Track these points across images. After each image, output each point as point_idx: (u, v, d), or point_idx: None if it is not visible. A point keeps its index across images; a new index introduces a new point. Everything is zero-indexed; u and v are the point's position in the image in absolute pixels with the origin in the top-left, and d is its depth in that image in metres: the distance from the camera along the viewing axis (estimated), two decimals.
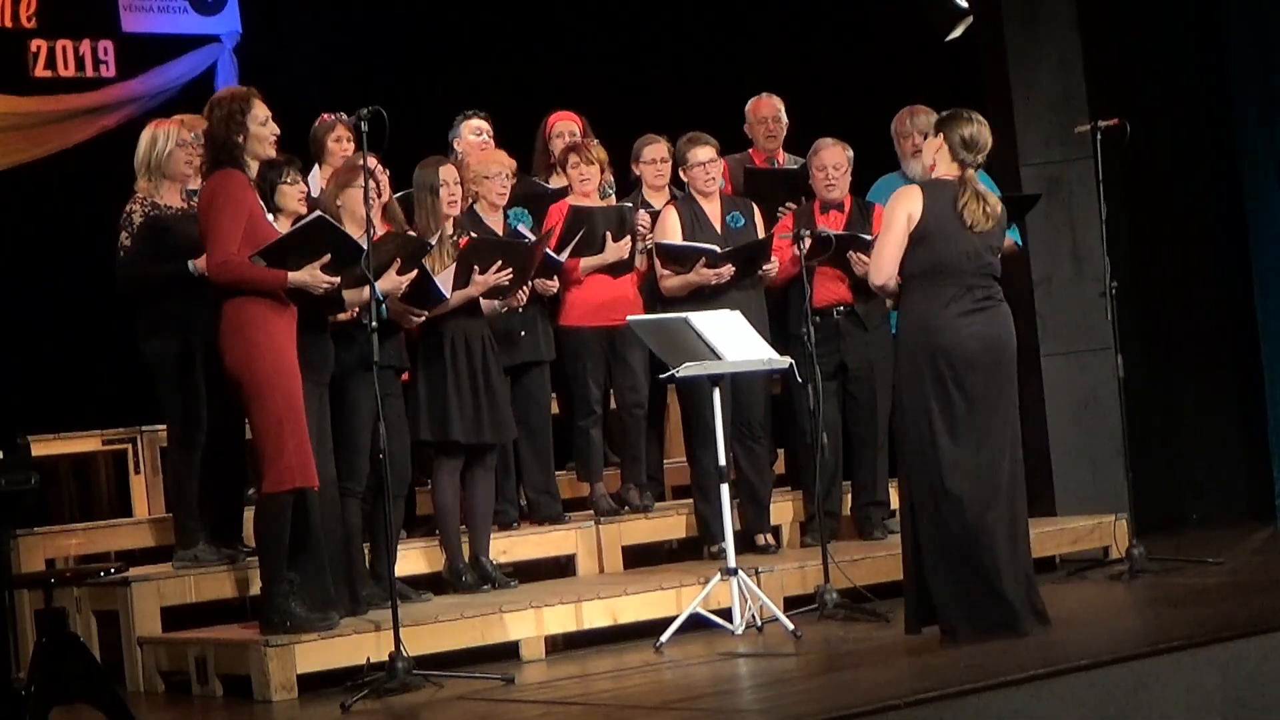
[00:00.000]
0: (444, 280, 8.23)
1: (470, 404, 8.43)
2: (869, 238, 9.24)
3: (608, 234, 9.23)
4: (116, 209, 8.31)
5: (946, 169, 7.51)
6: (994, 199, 7.52)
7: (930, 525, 7.36)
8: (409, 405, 8.37)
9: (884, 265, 7.48)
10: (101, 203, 8.81)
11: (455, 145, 9.58)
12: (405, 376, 8.38)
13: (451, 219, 8.59)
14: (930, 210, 7.39)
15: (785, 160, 10.30)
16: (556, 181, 9.70)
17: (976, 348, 7.35)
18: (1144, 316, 10.79)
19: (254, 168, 7.65)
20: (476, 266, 8.43)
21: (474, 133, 9.56)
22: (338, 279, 7.54)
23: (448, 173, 8.57)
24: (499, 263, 8.48)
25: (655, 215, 9.47)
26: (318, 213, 7.68)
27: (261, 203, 7.66)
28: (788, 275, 9.30)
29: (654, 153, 9.59)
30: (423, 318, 8.26)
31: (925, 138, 9.27)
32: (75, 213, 10.68)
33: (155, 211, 8.20)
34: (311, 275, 7.46)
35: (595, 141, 9.49)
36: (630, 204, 9.49)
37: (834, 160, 9.46)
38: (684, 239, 9.24)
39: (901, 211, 7.43)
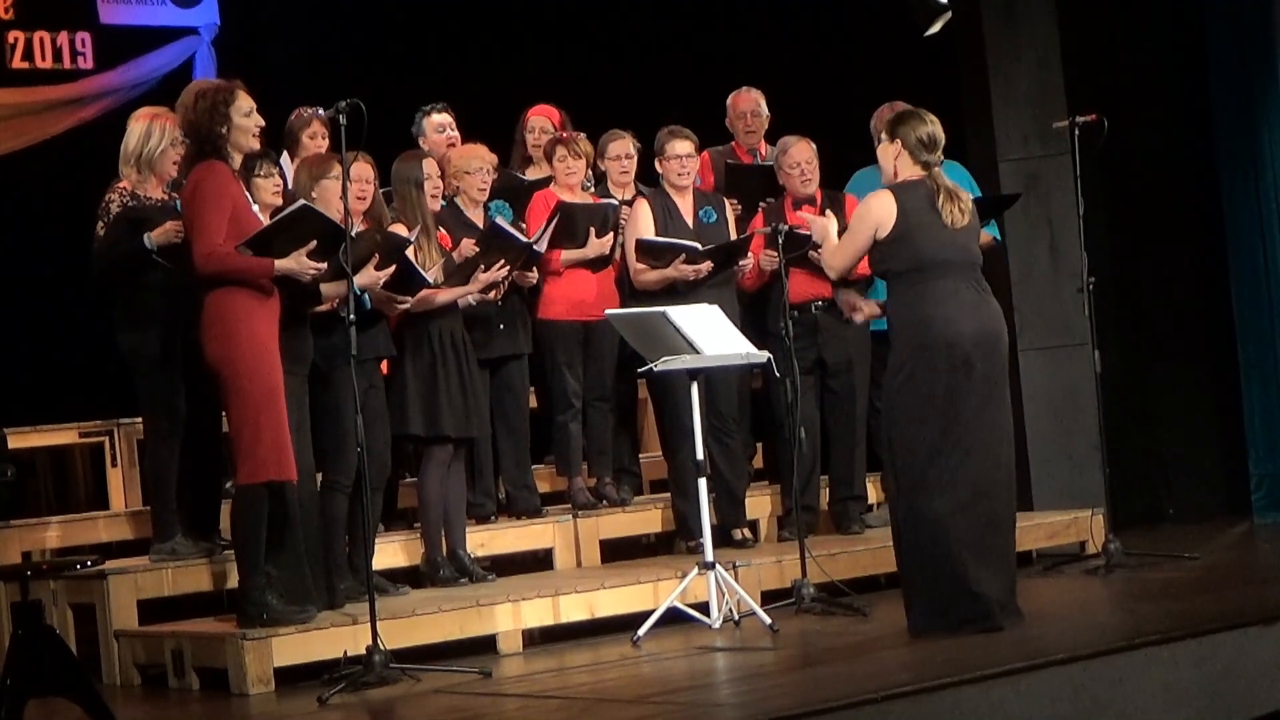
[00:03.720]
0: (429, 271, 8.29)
1: (459, 398, 8.45)
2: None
3: (591, 230, 9.23)
4: (94, 201, 8.28)
5: (909, 171, 7.51)
6: (964, 194, 7.53)
7: (915, 518, 7.36)
8: (395, 399, 8.37)
9: (840, 264, 7.64)
10: (79, 195, 8.78)
11: (420, 142, 9.55)
12: (384, 367, 8.39)
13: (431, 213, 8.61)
14: (905, 210, 7.40)
15: (768, 153, 10.30)
16: (534, 174, 9.70)
17: (971, 342, 7.35)
18: (1121, 312, 10.81)
19: (238, 159, 7.62)
20: (481, 265, 8.48)
21: (437, 129, 9.54)
22: (324, 265, 7.52)
23: (430, 166, 8.62)
24: (500, 260, 8.53)
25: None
26: (301, 201, 7.66)
27: (246, 193, 7.64)
28: (761, 282, 9.33)
29: (619, 149, 9.57)
30: (407, 304, 8.25)
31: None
32: (52, 204, 10.65)
33: (134, 202, 8.16)
34: (298, 261, 7.44)
35: (582, 135, 9.49)
36: (615, 202, 9.49)
37: (805, 156, 9.47)
38: (656, 233, 9.23)
39: (870, 219, 7.46)
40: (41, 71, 11.42)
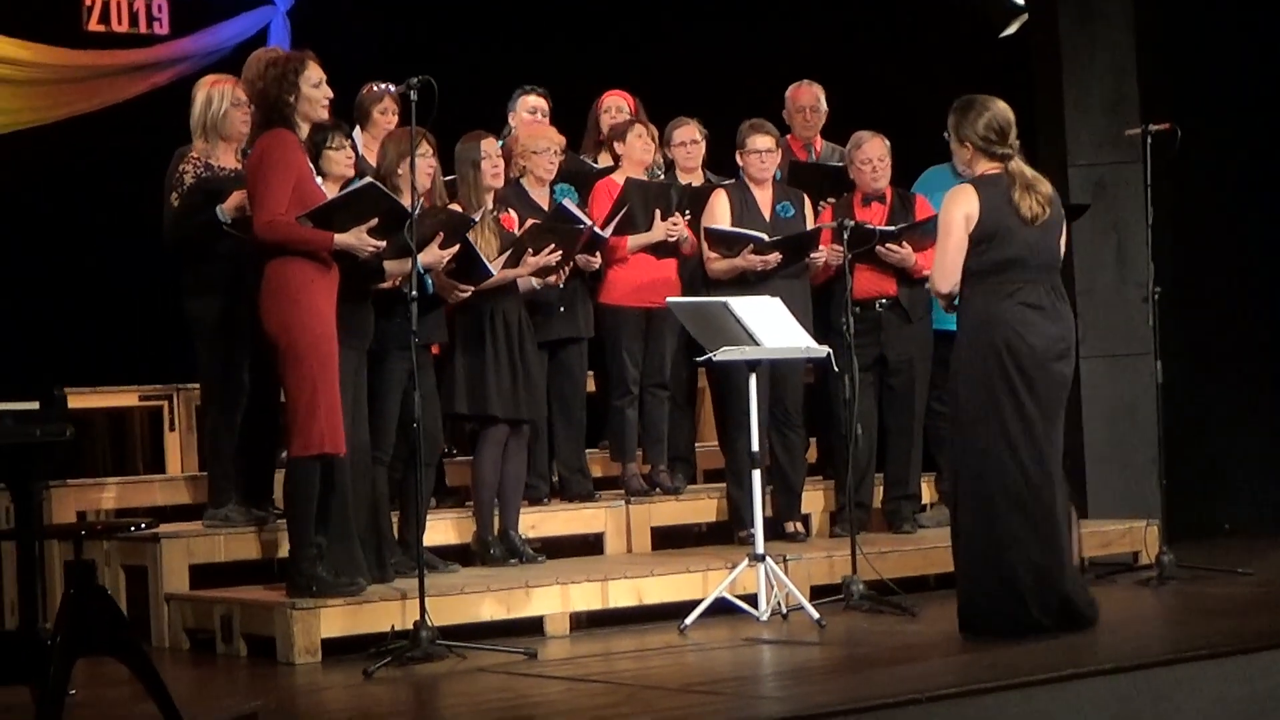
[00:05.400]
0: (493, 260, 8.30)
1: (508, 380, 8.46)
2: (893, 229, 9.25)
3: (657, 211, 9.22)
4: (163, 165, 8.33)
5: (986, 166, 7.43)
6: (1043, 184, 7.41)
7: (976, 520, 7.34)
8: (445, 379, 8.39)
9: (949, 273, 7.38)
10: (148, 159, 8.83)
11: (510, 120, 9.58)
12: (435, 349, 8.41)
13: (493, 192, 8.61)
14: (987, 209, 7.32)
15: (823, 148, 10.29)
16: (604, 161, 9.71)
17: (1043, 345, 7.32)
18: (1185, 323, 10.74)
19: (305, 129, 7.65)
20: (530, 248, 8.48)
21: (529, 110, 9.55)
22: (384, 243, 7.54)
23: (489, 145, 8.60)
24: (551, 244, 8.53)
25: (696, 194, 9.46)
26: (368, 179, 7.69)
27: (311, 164, 7.66)
28: (829, 275, 9.32)
29: (685, 135, 9.57)
30: (468, 293, 8.26)
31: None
32: (122, 167, 10.70)
33: (208, 173, 8.21)
34: (358, 237, 7.47)
35: (652, 126, 9.50)
36: (681, 183, 9.49)
37: (878, 152, 9.45)
38: (731, 225, 9.23)
39: (959, 214, 7.34)
40: (117, 35, 11.48)
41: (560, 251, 8.61)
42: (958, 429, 7.48)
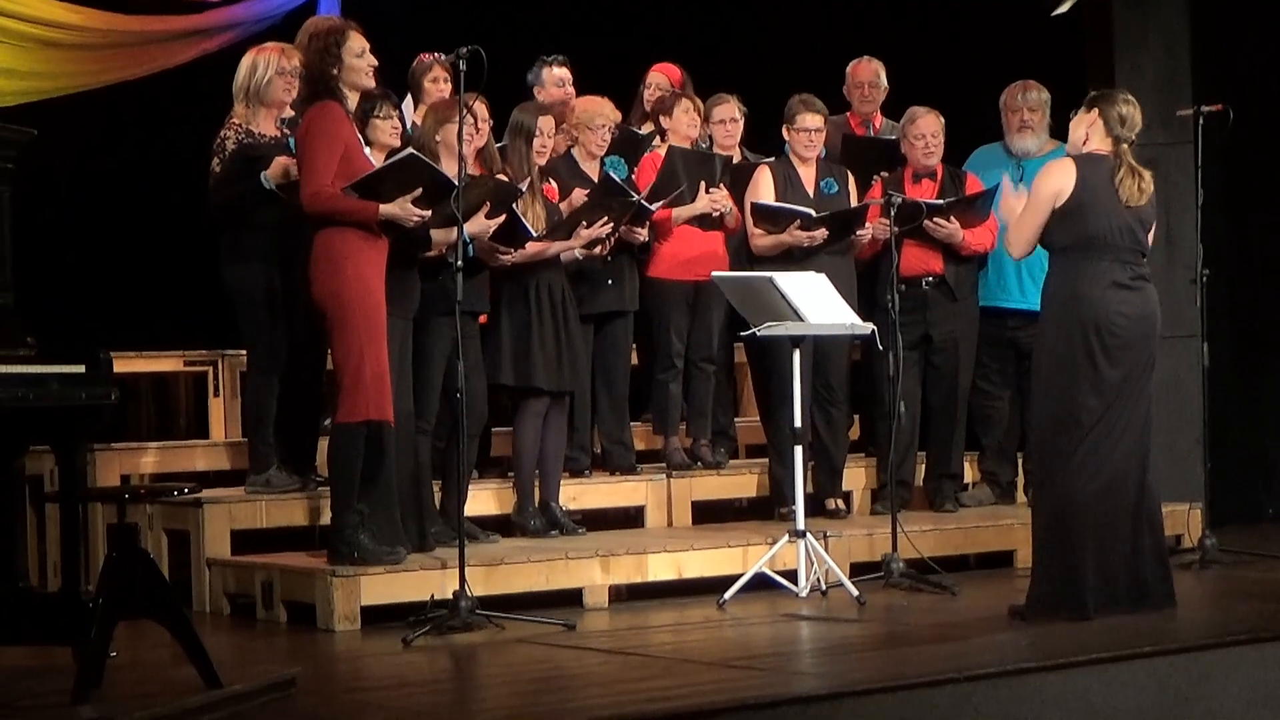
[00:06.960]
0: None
1: (553, 351, 8.46)
2: (940, 202, 9.21)
3: (702, 183, 9.20)
4: (211, 132, 8.35)
5: (1099, 143, 7.50)
6: (1148, 176, 7.50)
7: (1045, 498, 7.40)
8: (490, 349, 8.40)
9: (1024, 240, 7.52)
10: (197, 125, 8.85)
11: (536, 92, 9.52)
12: (483, 319, 8.41)
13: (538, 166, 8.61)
14: (1084, 183, 7.39)
15: (882, 125, 10.24)
16: (647, 130, 9.68)
17: (1126, 324, 7.38)
18: (1233, 306, 10.69)
19: (353, 99, 7.67)
20: (584, 221, 8.48)
21: (557, 83, 9.51)
22: (429, 212, 7.56)
23: (545, 122, 8.59)
24: (604, 217, 8.52)
25: (736, 170, 9.44)
26: (409, 149, 7.70)
27: (359, 135, 7.68)
28: (875, 251, 9.29)
29: (724, 112, 9.54)
30: (510, 256, 8.26)
31: (1035, 113, 9.26)
32: (171, 133, 10.72)
33: (249, 139, 8.24)
34: (402, 208, 7.49)
35: (697, 100, 9.48)
36: (726, 155, 9.47)
37: (931, 128, 9.43)
38: (776, 201, 9.20)
39: (1050, 187, 7.43)
40: (167, 0, 11.48)
41: (612, 223, 8.61)
42: (1040, 404, 7.53)
